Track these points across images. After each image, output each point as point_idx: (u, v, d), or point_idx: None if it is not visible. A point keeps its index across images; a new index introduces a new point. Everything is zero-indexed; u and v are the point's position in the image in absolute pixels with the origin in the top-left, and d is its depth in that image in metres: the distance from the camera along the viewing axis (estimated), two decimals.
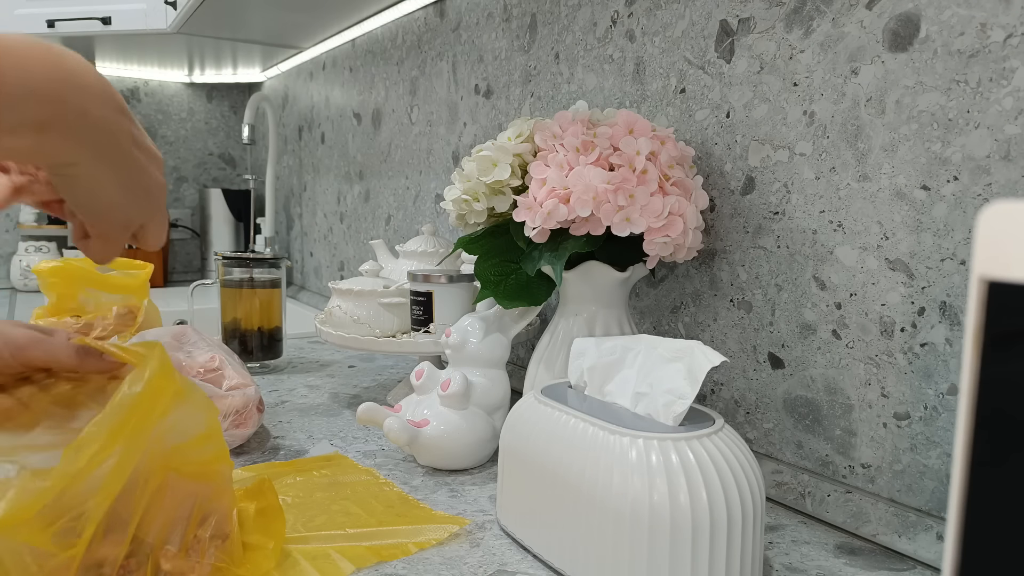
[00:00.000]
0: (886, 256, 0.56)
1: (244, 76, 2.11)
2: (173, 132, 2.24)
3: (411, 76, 1.28)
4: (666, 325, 0.76)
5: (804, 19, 0.61)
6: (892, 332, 0.56)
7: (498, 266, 0.70)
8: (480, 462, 0.70)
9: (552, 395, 0.54)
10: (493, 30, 1.04)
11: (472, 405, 0.69)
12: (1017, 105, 0.48)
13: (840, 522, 0.58)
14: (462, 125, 1.13)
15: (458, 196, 0.68)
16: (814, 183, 0.61)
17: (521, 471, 0.53)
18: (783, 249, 0.64)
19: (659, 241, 0.61)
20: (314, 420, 0.85)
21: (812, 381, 0.62)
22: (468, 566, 0.51)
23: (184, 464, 0.44)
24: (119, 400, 0.39)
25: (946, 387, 0.53)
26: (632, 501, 0.43)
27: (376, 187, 1.43)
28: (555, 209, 0.60)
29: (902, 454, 0.55)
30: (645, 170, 0.60)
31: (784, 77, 0.63)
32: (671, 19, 0.74)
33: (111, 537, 0.41)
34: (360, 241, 1.53)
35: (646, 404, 0.49)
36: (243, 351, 1.07)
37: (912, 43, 0.54)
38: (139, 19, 1.54)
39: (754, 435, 0.67)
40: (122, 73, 2.15)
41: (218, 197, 2.10)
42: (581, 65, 0.86)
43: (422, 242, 0.98)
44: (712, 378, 0.71)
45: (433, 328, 0.82)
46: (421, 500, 0.62)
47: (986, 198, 0.50)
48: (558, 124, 0.65)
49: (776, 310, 0.64)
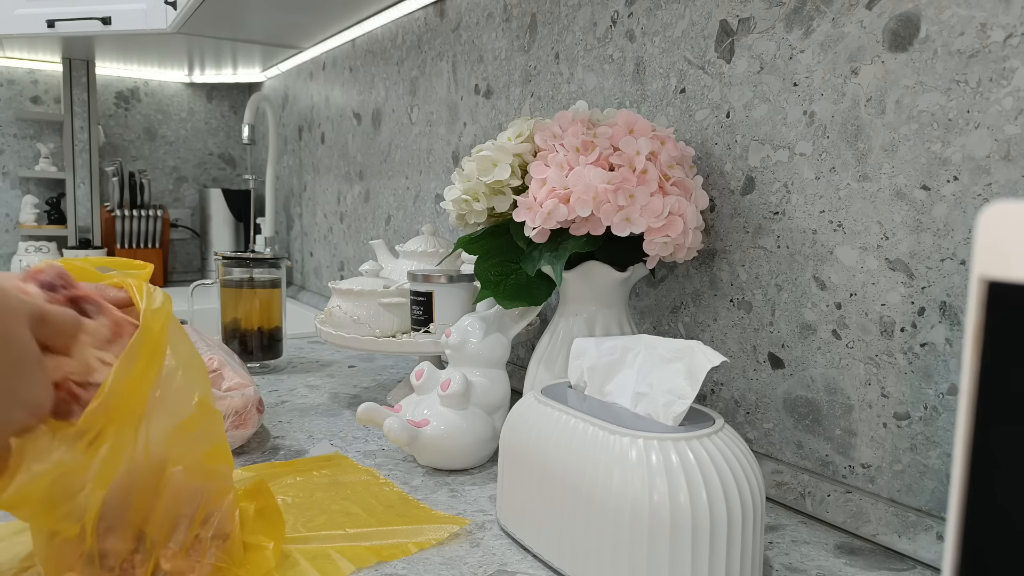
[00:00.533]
0: (886, 256, 0.56)
1: (244, 76, 2.11)
2: (173, 132, 2.24)
3: (411, 76, 1.28)
4: (666, 325, 0.76)
5: (804, 19, 0.61)
6: (892, 332, 0.56)
7: (498, 266, 0.70)
8: (480, 462, 0.70)
9: (552, 395, 0.54)
10: (493, 30, 1.04)
11: (472, 405, 0.69)
12: (1017, 105, 0.48)
13: (840, 522, 0.58)
14: (462, 125, 1.13)
15: (458, 196, 0.68)
16: (814, 183, 0.61)
17: (521, 471, 0.53)
18: (783, 249, 0.64)
19: (659, 241, 0.61)
20: (314, 420, 0.85)
21: (812, 381, 0.62)
22: (468, 566, 0.51)
23: (185, 453, 0.44)
24: (114, 381, 0.39)
25: (946, 387, 0.53)
26: (632, 501, 0.43)
27: (376, 187, 1.43)
28: (555, 209, 0.60)
29: (902, 454, 0.55)
30: (645, 170, 0.60)
31: (784, 77, 0.63)
32: (671, 19, 0.74)
33: (118, 532, 0.41)
34: (360, 241, 1.53)
35: (646, 404, 0.49)
36: (243, 351, 1.07)
37: (912, 43, 0.54)
38: (139, 19, 1.54)
39: (754, 435, 0.67)
40: (122, 73, 2.15)
41: (218, 197, 2.10)
42: (581, 65, 0.86)
43: (422, 242, 0.98)
44: (712, 378, 0.71)
45: (433, 328, 0.82)
46: (421, 500, 0.62)
47: (986, 198, 0.50)
48: (558, 124, 0.65)
49: (776, 310, 0.64)
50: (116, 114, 2.17)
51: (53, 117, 2.01)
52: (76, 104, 1.98)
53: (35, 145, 2.05)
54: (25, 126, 2.05)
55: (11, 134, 2.04)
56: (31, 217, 2.01)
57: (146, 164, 2.21)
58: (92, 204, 2.01)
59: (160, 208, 2.06)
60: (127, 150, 2.19)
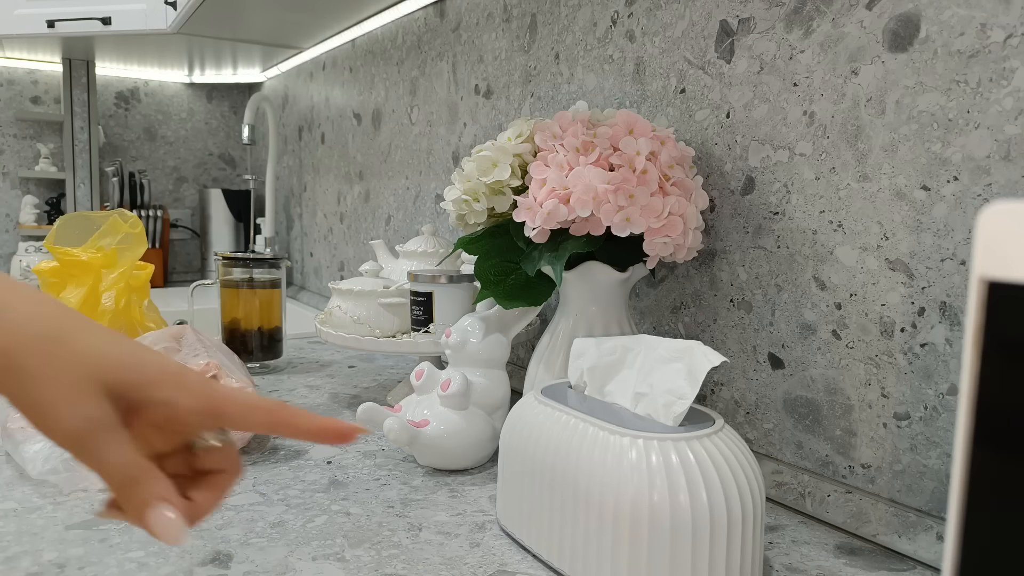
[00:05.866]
0: (886, 256, 0.56)
1: (244, 76, 2.11)
2: (173, 132, 2.24)
3: (411, 76, 1.28)
4: (666, 325, 0.76)
5: (804, 19, 0.61)
6: (892, 332, 0.56)
7: (498, 266, 0.70)
8: (480, 462, 0.70)
9: (552, 395, 0.54)
10: (493, 30, 1.04)
11: (472, 405, 0.69)
12: (1017, 105, 0.48)
13: (840, 522, 0.58)
14: (462, 125, 1.13)
15: (458, 196, 0.68)
16: (814, 183, 0.61)
17: (521, 471, 0.53)
18: (783, 249, 0.64)
19: (659, 241, 0.61)
20: None
21: (812, 381, 0.62)
22: (468, 566, 0.51)
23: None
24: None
25: (946, 387, 0.53)
26: (632, 501, 0.43)
27: (376, 187, 1.43)
28: (555, 209, 0.60)
29: (902, 454, 0.55)
30: (645, 170, 0.60)
31: (784, 77, 0.63)
32: (671, 19, 0.74)
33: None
34: (360, 241, 1.53)
35: (646, 404, 0.49)
36: (243, 351, 1.06)
37: (912, 43, 0.54)
38: (139, 19, 1.54)
39: (754, 435, 0.67)
40: (122, 73, 2.15)
41: (218, 197, 2.10)
42: (581, 65, 0.86)
43: (422, 242, 0.98)
44: (712, 378, 0.71)
45: (433, 328, 0.82)
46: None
47: (986, 198, 0.50)
48: (558, 124, 0.65)
49: (776, 310, 0.64)
50: (116, 114, 2.17)
51: (53, 117, 2.01)
52: (76, 104, 1.98)
53: (35, 145, 2.05)
54: (25, 126, 2.05)
55: (11, 134, 2.04)
56: (31, 217, 2.01)
57: (146, 164, 2.21)
58: (92, 204, 2.01)
59: (160, 208, 2.06)
60: (127, 150, 2.19)
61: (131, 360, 0.34)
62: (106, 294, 0.91)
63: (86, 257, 0.91)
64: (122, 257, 0.93)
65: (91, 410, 0.32)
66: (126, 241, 0.94)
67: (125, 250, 0.94)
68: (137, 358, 0.34)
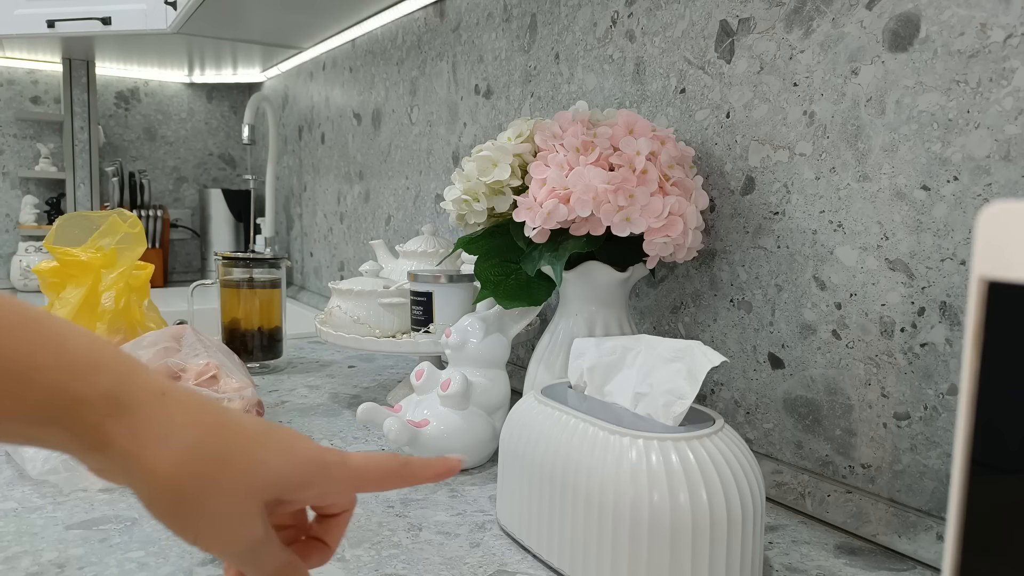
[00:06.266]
0: (886, 256, 0.56)
1: (244, 76, 2.11)
2: (173, 132, 2.24)
3: (411, 76, 1.28)
4: (666, 325, 0.76)
5: (804, 19, 0.61)
6: (892, 332, 0.56)
7: (498, 266, 0.70)
8: (480, 462, 0.70)
9: (552, 395, 0.54)
10: (493, 30, 1.04)
11: (472, 405, 0.69)
12: (1017, 105, 0.48)
13: (840, 522, 0.58)
14: (462, 125, 1.13)
15: (458, 196, 0.68)
16: (814, 183, 0.61)
17: (521, 471, 0.53)
18: (783, 249, 0.64)
19: (659, 241, 0.61)
20: (314, 420, 0.85)
21: (812, 381, 0.62)
22: (468, 566, 0.51)
23: None
24: None
25: (946, 387, 0.53)
26: (632, 501, 0.43)
27: (376, 187, 1.43)
28: (555, 209, 0.60)
29: (902, 454, 0.55)
30: (645, 170, 0.60)
31: (784, 77, 0.63)
32: (671, 19, 0.74)
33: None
34: (360, 241, 1.53)
35: (646, 404, 0.49)
36: (243, 351, 1.07)
37: (912, 43, 0.54)
38: (139, 19, 1.54)
39: (754, 435, 0.67)
40: (122, 73, 2.15)
41: (218, 197, 2.10)
42: (581, 65, 0.86)
43: (422, 242, 0.98)
44: (712, 378, 0.71)
45: (433, 328, 0.82)
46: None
47: (986, 198, 0.50)
48: (558, 124, 0.65)
49: (776, 310, 0.64)
50: (116, 114, 2.17)
51: (53, 117, 2.01)
52: (76, 104, 1.98)
53: (35, 145, 2.05)
54: (25, 126, 2.05)
55: (11, 134, 2.04)
56: (31, 217, 2.01)
57: (146, 164, 2.21)
58: (92, 204, 2.01)
59: (160, 208, 2.06)
60: (127, 150, 2.19)
61: (287, 468, 0.33)
62: (106, 294, 0.91)
63: (86, 257, 0.91)
64: (122, 257, 0.93)
65: (255, 532, 0.32)
66: (125, 241, 0.94)
67: (125, 250, 0.94)
68: (291, 463, 0.34)
